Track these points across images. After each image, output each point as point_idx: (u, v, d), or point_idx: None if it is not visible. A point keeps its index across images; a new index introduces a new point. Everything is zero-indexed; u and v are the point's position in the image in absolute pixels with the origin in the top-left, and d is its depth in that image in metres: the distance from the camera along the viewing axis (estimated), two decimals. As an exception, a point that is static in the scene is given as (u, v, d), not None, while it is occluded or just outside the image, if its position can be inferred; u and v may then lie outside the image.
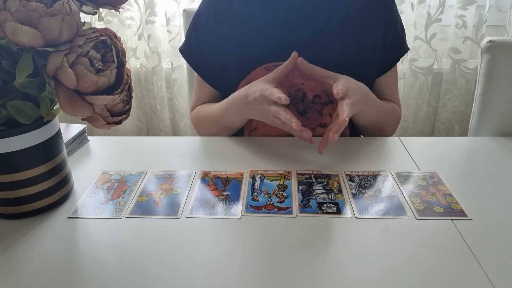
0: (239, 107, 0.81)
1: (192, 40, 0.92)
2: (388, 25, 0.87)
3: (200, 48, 0.91)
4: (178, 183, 0.67)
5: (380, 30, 0.86)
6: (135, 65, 1.71)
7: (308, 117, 0.85)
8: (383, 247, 0.52)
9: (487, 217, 0.58)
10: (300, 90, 0.84)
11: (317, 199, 0.62)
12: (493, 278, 0.47)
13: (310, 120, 0.85)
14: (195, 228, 0.56)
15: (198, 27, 0.91)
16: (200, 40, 0.91)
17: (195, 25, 0.91)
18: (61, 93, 0.49)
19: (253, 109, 0.77)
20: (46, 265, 0.50)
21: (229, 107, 0.84)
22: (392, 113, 0.91)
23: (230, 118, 0.85)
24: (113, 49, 0.53)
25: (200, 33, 0.90)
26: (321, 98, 0.84)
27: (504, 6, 1.57)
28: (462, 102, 1.64)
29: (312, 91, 0.84)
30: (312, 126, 0.86)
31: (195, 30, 0.91)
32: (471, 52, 1.61)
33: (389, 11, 0.87)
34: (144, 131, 1.82)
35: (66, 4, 0.48)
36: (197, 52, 0.92)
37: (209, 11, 0.89)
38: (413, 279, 0.47)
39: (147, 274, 0.48)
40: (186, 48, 0.94)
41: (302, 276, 0.48)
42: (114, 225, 0.57)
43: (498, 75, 0.88)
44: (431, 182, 0.67)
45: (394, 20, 0.88)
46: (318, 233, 0.55)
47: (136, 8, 1.62)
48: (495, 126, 0.89)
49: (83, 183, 0.67)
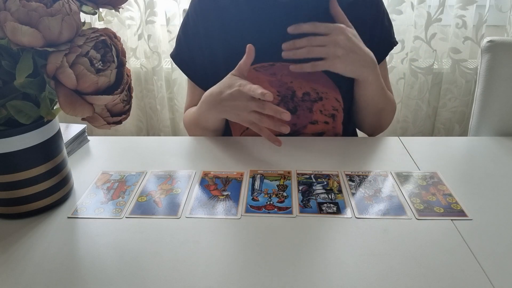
0: (212, 105, 0.80)
1: (182, 44, 0.92)
2: (374, 21, 0.88)
3: (190, 51, 0.91)
4: (178, 183, 0.67)
5: (367, 26, 0.87)
6: (135, 65, 1.71)
7: (298, 115, 0.85)
8: (383, 247, 0.52)
9: (487, 217, 0.58)
10: (289, 88, 0.84)
11: (317, 199, 0.62)
12: (493, 278, 0.47)
13: (301, 118, 0.86)
14: (195, 228, 0.56)
15: (187, 30, 0.91)
16: (189, 43, 0.91)
17: (184, 29, 0.92)
18: (61, 93, 0.49)
19: (226, 105, 0.76)
20: (46, 265, 0.50)
21: (202, 106, 0.83)
22: (391, 98, 0.92)
23: (204, 118, 0.84)
24: (113, 49, 0.53)
25: (189, 37, 0.91)
26: (311, 96, 0.85)
27: (504, 6, 1.57)
28: (462, 102, 1.64)
29: (301, 89, 0.84)
30: (303, 123, 0.86)
31: (184, 34, 0.92)
32: (471, 52, 1.61)
33: (375, 7, 0.88)
34: (144, 131, 1.82)
35: (66, 4, 0.48)
36: (187, 56, 0.92)
37: (196, 12, 0.89)
38: (413, 279, 0.47)
39: (147, 274, 0.48)
40: (176, 53, 0.94)
41: (302, 276, 0.48)
42: (114, 225, 0.57)
43: (498, 75, 0.88)
44: (431, 182, 0.67)
45: (381, 15, 0.89)
46: (318, 233, 0.55)
47: (136, 8, 1.62)
48: (495, 126, 0.89)
49: (83, 183, 0.67)
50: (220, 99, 0.77)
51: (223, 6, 0.87)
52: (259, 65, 0.84)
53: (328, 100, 0.86)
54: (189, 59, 0.92)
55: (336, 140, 0.83)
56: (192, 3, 0.91)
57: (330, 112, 0.87)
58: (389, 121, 0.94)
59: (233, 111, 0.76)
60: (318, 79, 0.85)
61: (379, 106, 0.88)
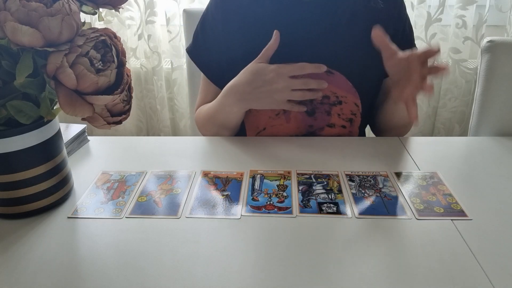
0: (239, 97, 0.80)
1: (199, 40, 0.91)
2: (397, 26, 0.87)
3: (207, 48, 0.90)
4: (178, 183, 0.67)
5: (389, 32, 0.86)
6: (135, 65, 1.71)
7: (316, 117, 0.85)
8: (383, 247, 0.52)
9: (487, 217, 0.58)
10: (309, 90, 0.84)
11: (317, 199, 0.62)
12: (493, 278, 0.47)
13: (319, 120, 0.85)
14: (195, 228, 0.56)
15: (206, 27, 0.90)
16: (207, 40, 0.90)
17: (203, 25, 0.91)
18: (61, 93, 0.49)
19: (261, 91, 0.77)
20: (46, 265, 0.50)
21: (225, 100, 0.83)
22: None
23: (227, 112, 0.84)
24: (113, 49, 0.53)
25: (207, 33, 0.90)
26: (330, 99, 0.84)
27: (504, 6, 1.57)
28: (462, 102, 1.64)
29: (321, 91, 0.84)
30: (320, 126, 0.86)
31: (202, 30, 0.91)
32: (471, 52, 1.61)
33: (400, 14, 0.88)
34: (144, 131, 1.82)
35: (66, 4, 0.48)
36: (204, 52, 0.92)
37: (217, 11, 0.88)
38: (413, 279, 0.47)
39: (147, 274, 0.48)
40: (193, 48, 0.93)
41: (302, 276, 0.48)
42: (114, 225, 0.57)
43: (498, 75, 0.88)
44: (431, 182, 0.67)
45: (403, 22, 0.88)
46: (318, 233, 0.55)
47: (136, 8, 1.62)
48: (495, 126, 0.89)
49: (83, 183, 0.67)
50: (251, 88, 0.78)
51: (245, 4, 0.86)
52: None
53: (347, 105, 0.85)
54: (205, 55, 0.91)
55: (336, 140, 0.83)
56: (213, 2, 0.90)
57: (348, 116, 0.86)
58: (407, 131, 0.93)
59: (268, 97, 0.77)
60: (338, 82, 0.84)
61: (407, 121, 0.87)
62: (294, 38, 0.83)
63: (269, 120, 0.86)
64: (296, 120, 0.85)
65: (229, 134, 0.89)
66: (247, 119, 0.88)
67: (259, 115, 0.87)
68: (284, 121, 0.86)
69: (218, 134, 0.89)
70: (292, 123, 0.85)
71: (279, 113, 0.85)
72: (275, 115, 0.86)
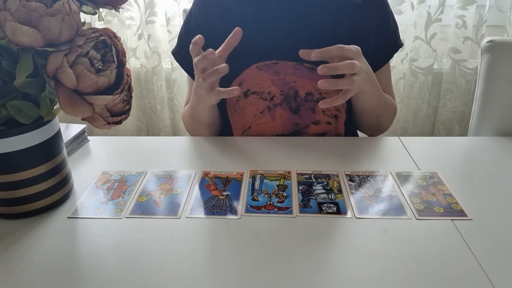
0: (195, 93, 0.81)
1: (183, 42, 0.92)
2: (380, 22, 0.88)
3: None
4: (178, 183, 0.67)
5: (372, 28, 0.87)
6: (135, 65, 1.71)
7: (301, 115, 0.85)
8: (383, 247, 0.52)
9: (487, 217, 0.58)
10: (292, 88, 0.84)
11: (317, 199, 0.62)
12: (493, 278, 0.47)
13: (304, 117, 0.86)
14: (195, 228, 0.56)
15: (189, 28, 0.91)
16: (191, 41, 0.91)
17: (186, 27, 0.92)
18: (61, 93, 0.49)
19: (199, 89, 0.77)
20: (46, 265, 0.50)
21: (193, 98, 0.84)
22: (390, 103, 0.92)
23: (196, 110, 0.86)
24: (113, 49, 0.53)
25: (191, 35, 0.91)
26: (314, 96, 0.85)
27: (504, 6, 1.57)
28: (462, 102, 1.64)
29: (304, 89, 0.84)
30: (305, 123, 0.86)
31: (186, 31, 0.92)
32: (471, 52, 1.61)
33: (381, 9, 0.88)
34: (144, 131, 1.82)
35: (66, 4, 0.48)
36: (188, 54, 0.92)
37: (199, 10, 0.89)
38: (413, 279, 0.47)
39: (147, 274, 0.48)
40: (178, 50, 0.94)
41: (302, 276, 0.48)
42: (114, 225, 0.57)
43: (498, 75, 0.88)
44: (431, 182, 0.67)
45: (386, 17, 0.89)
46: (318, 233, 0.55)
47: (136, 8, 1.62)
48: (495, 126, 0.89)
49: (83, 183, 0.67)
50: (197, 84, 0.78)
51: (227, 6, 0.87)
52: (262, 63, 0.84)
53: None
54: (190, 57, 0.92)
55: (336, 140, 0.83)
56: (195, 3, 0.91)
57: (332, 112, 0.87)
58: (388, 124, 0.94)
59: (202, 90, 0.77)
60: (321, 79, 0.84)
61: (377, 113, 0.89)
62: (277, 38, 0.83)
63: (254, 118, 0.87)
64: (282, 118, 0.86)
65: (209, 132, 0.90)
66: (233, 118, 0.89)
67: (243, 114, 0.87)
68: (269, 119, 0.86)
69: (198, 132, 0.90)
70: (277, 121, 0.86)
71: (264, 111, 0.86)
72: (260, 113, 0.86)
